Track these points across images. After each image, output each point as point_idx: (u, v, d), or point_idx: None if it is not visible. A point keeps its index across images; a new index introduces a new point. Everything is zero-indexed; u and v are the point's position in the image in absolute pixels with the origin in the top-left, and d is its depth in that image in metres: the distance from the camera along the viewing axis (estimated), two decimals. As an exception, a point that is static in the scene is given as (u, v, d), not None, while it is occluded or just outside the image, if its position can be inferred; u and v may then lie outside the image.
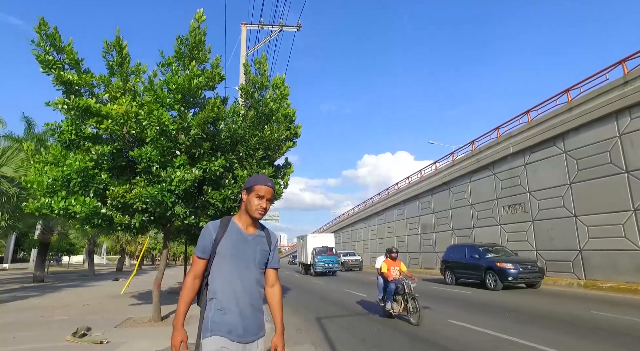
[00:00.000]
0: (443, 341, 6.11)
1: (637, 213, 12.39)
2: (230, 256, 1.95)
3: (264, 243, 2.07)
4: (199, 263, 1.99)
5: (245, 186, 2.04)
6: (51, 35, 5.78)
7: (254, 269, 2.00)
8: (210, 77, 7.06)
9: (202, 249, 1.98)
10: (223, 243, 1.96)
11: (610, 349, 5.47)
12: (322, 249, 26.46)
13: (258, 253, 2.02)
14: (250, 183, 2.03)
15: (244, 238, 1.99)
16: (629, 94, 12.58)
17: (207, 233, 1.98)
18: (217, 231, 1.97)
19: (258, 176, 2.08)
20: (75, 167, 6.08)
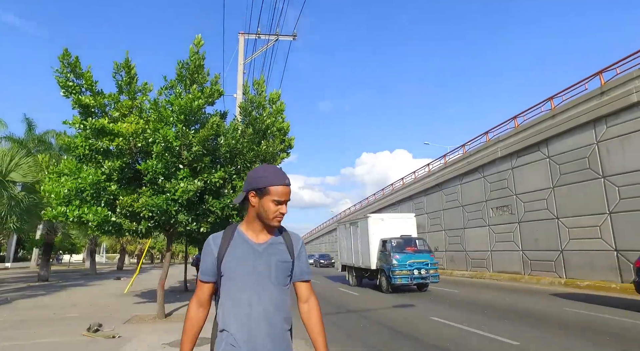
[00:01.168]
0: (419, 335, 6.84)
1: (612, 216, 13.15)
2: (239, 275, 1.56)
3: (283, 251, 1.64)
4: (202, 288, 1.64)
5: (252, 186, 1.58)
6: (72, 64, 6.47)
7: (272, 288, 1.58)
8: (209, 94, 7.77)
9: (205, 271, 1.63)
10: (227, 260, 1.57)
11: (567, 340, 6.21)
12: (402, 242, 14.31)
13: (274, 266, 1.60)
14: (262, 181, 1.57)
15: (252, 250, 1.60)
16: (605, 103, 13.32)
17: (207, 250, 1.62)
18: (220, 246, 1.59)
19: (269, 169, 1.62)
20: (89, 180, 6.76)
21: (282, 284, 1.62)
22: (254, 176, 1.60)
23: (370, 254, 14.83)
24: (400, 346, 6.15)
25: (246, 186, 1.62)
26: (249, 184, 1.60)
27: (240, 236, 1.63)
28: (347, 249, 17.88)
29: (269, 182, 1.56)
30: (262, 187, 1.56)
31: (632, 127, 12.45)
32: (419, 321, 8.19)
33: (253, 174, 1.61)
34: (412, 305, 10.75)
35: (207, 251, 1.63)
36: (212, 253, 1.61)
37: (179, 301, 11.26)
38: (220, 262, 1.58)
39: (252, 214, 1.62)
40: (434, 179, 25.60)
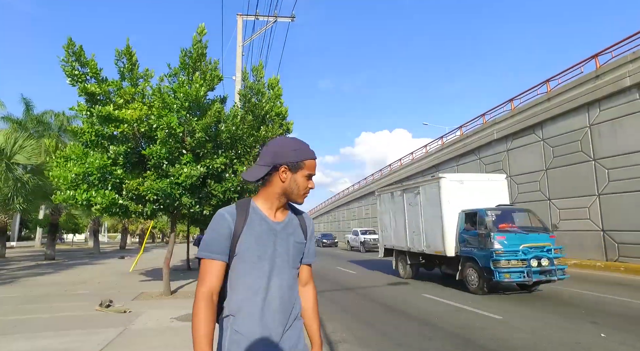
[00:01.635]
0: (409, 310, 7.34)
1: (600, 198, 13.57)
2: (256, 257, 1.40)
3: (299, 232, 1.52)
4: (212, 270, 1.37)
5: (285, 159, 1.41)
6: (77, 53, 6.69)
7: (288, 271, 1.46)
8: (210, 80, 8.01)
9: (216, 248, 1.38)
10: (245, 240, 1.40)
11: (546, 314, 6.70)
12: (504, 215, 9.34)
13: (292, 246, 1.47)
14: (296, 155, 1.42)
15: (271, 229, 1.44)
16: (599, 87, 13.52)
17: (222, 223, 1.39)
18: (236, 222, 1.40)
19: (298, 141, 1.48)
20: (96, 165, 7.09)
21: (296, 266, 1.50)
22: (284, 149, 1.43)
23: (445, 234, 9.91)
24: (390, 320, 6.64)
25: (274, 159, 1.42)
26: (280, 157, 1.41)
27: (256, 213, 1.44)
28: (396, 227, 12.78)
29: (305, 155, 1.43)
30: (296, 161, 1.41)
31: (624, 111, 12.70)
32: (411, 298, 8.70)
33: (282, 147, 1.44)
34: (406, 283, 11.27)
35: (221, 225, 1.39)
36: (229, 227, 1.38)
37: (182, 279, 11.77)
38: (236, 241, 1.39)
39: (277, 190, 1.43)
40: (431, 160, 25.93)
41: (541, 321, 6.31)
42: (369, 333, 5.93)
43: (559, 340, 5.21)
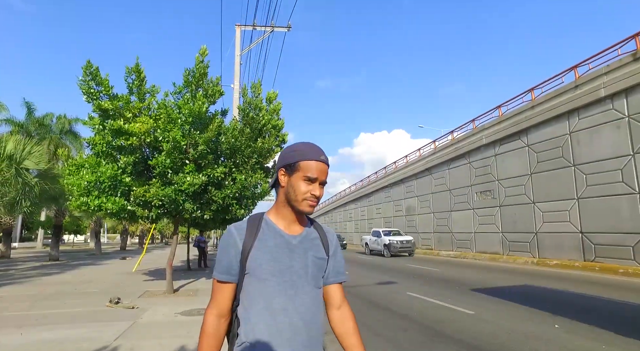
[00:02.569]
0: (392, 306, 8.08)
1: (579, 201, 14.34)
2: (270, 275, 1.30)
3: (318, 246, 1.40)
4: (222, 291, 1.33)
5: (283, 162, 1.35)
6: (93, 73, 7.43)
7: (309, 291, 1.34)
8: (211, 94, 8.75)
9: (224, 268, 1.33)
10: (255, 256, 1.30)
11: (516, 309, 7.45)
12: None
13: (311, 263, 1.35)
14: (293, 156, 1.33)
15: (287, 243, 1.34)
16: (578, 97, 14.30)
17: (229, 241, 1.33)
18: (245, 237, 1.32)
19: (302, 144, 1.38)
20: (107, 174, 7.82)
21: (318, 285, 1.38)
22: (284, 152, 1.38)
23: None
24: (374, 315, 7.37)
25: (280, 162, 1.38)
26: (280, 160, 1.38)
27: (269, 226, 1.35)
28: None
29: (300, 156, 1.32)
30: (292, 162, 1.32)
31: (600, 120, 13.49)
32: (396, 296, 9.43)
33: (284, 151, 1.40)
34: (395, 282, 12.00)
35: (228, 243, 1.33)
36: (236, 245, 1.31)
37: (183, 278, 12.47)
38: (245, 257, 1.30)
39: (281, 198, 1.37)
40: (424, 163, 26.70)
41: (508, 315, 7.05)
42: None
43: (517, 330, 5.95)
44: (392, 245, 22.65)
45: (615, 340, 5.37)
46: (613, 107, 13.01)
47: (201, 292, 9.58)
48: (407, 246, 22.88)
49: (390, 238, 23.22)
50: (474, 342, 5.38)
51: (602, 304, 7.82)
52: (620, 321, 6.37)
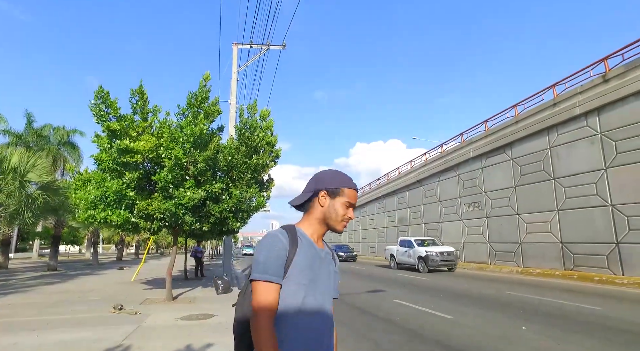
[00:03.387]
0: (378, 312, 8.68)
1: (559, 213, 15.09)
2: (308, 280, 1.39)
3: (332, 261, 1.56)
4: (275, 292, 1.35)
5: (326, 185, 1.50)
6: (104, 97, 8.11)
7: (330, 300, 1.49)
8: (210, 114, 9.44)
9: (276, 270, 1.35)
10: (298, 262, 1.38)
11: (493, 314, 8.08)
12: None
13: (332, 275, 1.52)
14: (336, 182, 1.50)
15: (317, 255, 1.46)
16: (556, 114, 15.15)
17: (279, 244, 1.38)
18: (289, 245, 1.39)
19: (340, 172, 1.57)
20: (113, 189, 8.44)
21: (334, 296, 1.53)
22: (326, 177, 1.53)
23: None
24: (360, 320, 7.97)
25: (316, 185, 1.51)
26: (321, 183, 1.51)
27: (305, 237, 1.46)
28: None
29: (344, 183, 1.50)
30: (335, 187, 1.49)
31: (576, 136, 14.31)
32: (382, 302, 10.03)
33: (324, 174, 1.54)
34: (383, 290, 12.60)
35: (278, 246, 1.38)
36: (285, 248, 1.38)
37: (181, 287, 12.99)
38: (289, 263, 1.37)
39: (317, 216, 1.50)
40: (415, 175, 27.46)
41: (484, 319, 7.68)
42: (339, 330, 7.25)
43: (489, 332, 6.58)
44: (430, 258, 17.91)
45: (569, 338, 6.03)
46: (587, 125, 13.85)
47: (199, 300, 10.12)
48: (449, 259, 18.22)
49: (427, 249, 18.52)
50: (448, 342, 6.01)
51: (570, 309, 8.48)
52: (577, 323, 7.03)
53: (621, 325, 6.92)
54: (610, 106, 12.95)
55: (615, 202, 12.76)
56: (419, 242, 19.96)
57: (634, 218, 12.15)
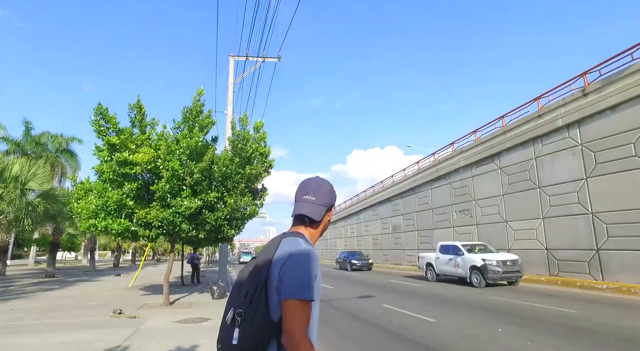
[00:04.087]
0: (366, 316, 9.13)
1: (544, 220, 15.62)
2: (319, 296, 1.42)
3: None
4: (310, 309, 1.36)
5: (334, 200, 1.57)
6: (103, 113, 8.61)
7: None
8: (205, 125, 9.94)
9: (317, 290, 1.39)
10: (319, 277, 1.42)
11: (472, 316, 8.54)
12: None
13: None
14: (334, 196, 1.57)
15: None
16: (540, 125, 15.75)
17: (318, 264, 1.42)
18: None
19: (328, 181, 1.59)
20: (114, 199, 8.89)
21: None
22: (334, 191, 1.56)
23: None
24: (348, 323, 8.41)
25: (331, 200, 1.55)
26: (333, 198, 1.56)
27: None
28: None
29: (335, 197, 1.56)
30: (334, 203, 1.56)
31: (559, 147, 14.90)
32: (372, 307, 10.46)
33: (333, 187, 1.58)
34: (373, 295, 13.03)
35: (318, 265, 1.41)
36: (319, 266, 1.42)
37: (178, 293, 13.38)
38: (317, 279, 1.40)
39: (321, 229, 1.56)
40: (409, 183, 28.00)
41: (464, 322, 8.15)
42: (327, 331, 7.69)
43: (466, 333, 7.05)
44: (489, 269, 13.99)
45: (539, 338, 6.51)
46: (569, 136, 14.45)
47: (195, 305, 10.53)
48: (513, 271, 14.15)
49: (484, 257, 14.33)
50: (426, 342, 6.47)
51: (547, 312, 8.95)
52: (550, 325, 7.51)
53: (591, 326, 7.40)
54: (589, 118, 13.56)
55: (595, 210, 13.31)
56: (468, 248, 15.82)
57: (612, 226, 12.69)
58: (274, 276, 1.36)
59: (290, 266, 1.35)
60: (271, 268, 1.38)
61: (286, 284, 1.33)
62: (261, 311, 1.34)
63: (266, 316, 1.34)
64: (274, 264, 1.38)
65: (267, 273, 1.37)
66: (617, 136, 12.56)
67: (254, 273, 1.41)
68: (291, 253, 1.37)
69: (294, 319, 1.29)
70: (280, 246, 1.42)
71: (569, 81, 14.47)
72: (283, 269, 1.35)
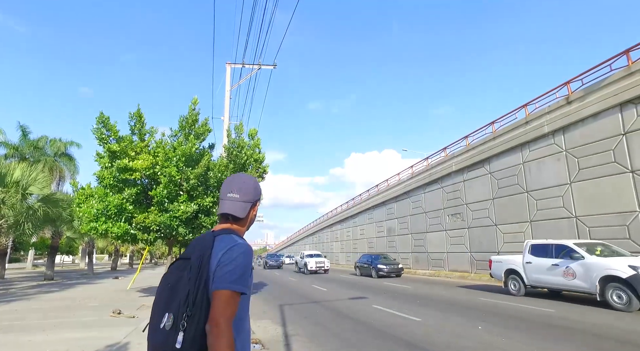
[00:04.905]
0: (357, 317, 9.54)
1: (532, 224, 16.10)
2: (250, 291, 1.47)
3: None
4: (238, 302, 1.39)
5: (260, 195, 1.63)
6: (104, 121, 9.06)
7: None
8: (201, 133, 10.39)
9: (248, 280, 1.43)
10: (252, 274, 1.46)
11: (456, 315, 8.96)
12: None
13: None
14: (258, 192, 1.61)
15: None
16: (528, 132, 16.26)
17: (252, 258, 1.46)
18: None
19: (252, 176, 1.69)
20: (114, 203, 9.31)
21: None
22: (258, 186, 1.61)
23: None
24: (338, 322, 8.81)
25: (257, 195, 1.60)
26: (258, 193, 1.60)
27: None
28: None
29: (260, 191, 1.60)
30: (260, 197, 1.61)
31: (545, 153, 15.40)
32: (363, 308, 10.87)
33: (257, 184, 1.62)
34: (365, 297, 13.44)
35: (251, 258, 1.45)
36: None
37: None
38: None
39: (247, 223, 1.61)
40: (403, 187, 28.46)
41: (447, 321, 8.57)
42: (317, 329, 8.10)
43: (448, 331, 7.46)
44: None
45: (512, 334, 6.96)
46: (554, 142, 14.96)
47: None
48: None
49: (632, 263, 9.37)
50: (408, 338, 6.90)
51: (527, 311, 9.39)
52: (526, 322, 7.96)
53: (564, 323, 7.84)
54: (573, 125, 14.06)
55: (579, 214, 13.78)
56: (585, 248, 10.75)
57: (594, 229, 13.16)
58: (212, 274, 1.39)
59: (226, 260, 1.39)
60: (210, 267, 1.39)
61: (219, 275, 1.36)
62: (206, 311, 1.35)
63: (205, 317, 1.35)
64: (212, 263, 1.39)
65: (207, 272, 1.39)
66: (598, 143, 13.06)
67: (192, 274, 1.39)
68: (229, 248, 1.41)
69: (221, 308, 1.32)
70: (216, 244, 1.44)
71: (554, 89, 14.99)
72: (219, 264, 1.39)
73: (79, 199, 10.21)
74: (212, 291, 1.35)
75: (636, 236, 11.76)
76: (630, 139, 12.02)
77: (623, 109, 12.25)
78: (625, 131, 12.21)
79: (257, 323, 8.85)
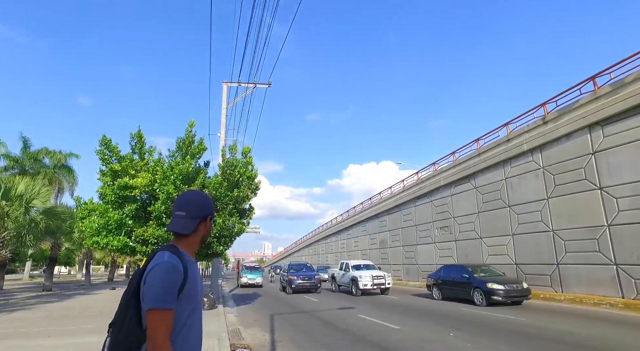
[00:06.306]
0: (342, 325, 10.19)
1: (514, 237, 16.83)
2: (199, 297, 1.62)
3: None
4: (172, 319, 1.48)
5: (210, 210, 1.72)
6: (107, 143, 9.83)
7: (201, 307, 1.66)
8: (197, 152, 11.15)
9: (174, 297, 1.48)
10: (191, 281, 1.55)
11: (434, 323, 9.62)
12: None
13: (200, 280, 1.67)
14: (212, 206, 1.76)
15: (198, 271, 1.66)
16: (509, 149, 17.11)
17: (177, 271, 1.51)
18: (183, 267, 1.53)
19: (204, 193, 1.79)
20: (115, 219, 10.02)
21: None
22: (206, 202, 1.72)
23: None
24: (323, 330, 9.46)
25: (205, 211, 1.70)
26: (207, 209, 1.71)
27: (187, 257, 1.61)
28: None
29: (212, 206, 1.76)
30: (212, 211, 1.74)
31: (525, 169, 16.23)
32: (348, 317, 11.49)
33: (204, 200, 1.73)
34: (353, 307, 14.05)
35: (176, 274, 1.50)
36: (181, 274, 1.51)
37: (171, 305, 14.33)
38: (183, 285, 1.52)
39: (199, 237, 1.71)
40: (394, 200, 29.21)
41: (425, 328, 9.23)
42: (301, 336, 8.76)
43: (423, 338, 8.11)
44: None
45: (480, 341, 7.63)
46: (532, 160, 15.79)
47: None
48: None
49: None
50: (385, 344, 7.57)
51: (501, 320, 10.07)
52: (496, 330, 8.64)
53: (533, 331, 8.52)
54: (549, 144, 14.90)
55: (555, 228, 14.53)
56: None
57: (569, 242, 13.90)
58: (142, 286, 1.50)
59: (148, 279, 1.49)
60: (142, 279, 1.52)
61: (146, 296, 1.46)
62: (129, 319, 1.46)
63: (135, 323, 1.46)
64: (144, 276, 1.51)
65: (137, 284, 1.52)
66: (571, 161, 13.88)
67: (128, 285, 1.57)
68: (152, 268, 1.50)
69: (155, 327, 1.41)
70: (152, 259, 1.55)
71: (532, 109, 15.88)
72: (145, 283, 1.49)
73: (82, 214, 10.92)
74: (143, 311, 1.48)
75: (605, 249, 12.50)
76: (599, 158, 12.86)
77: (592, 131, 13.11)
78: (594, 151, 13.06)
79: (247, 330, 9.49)
